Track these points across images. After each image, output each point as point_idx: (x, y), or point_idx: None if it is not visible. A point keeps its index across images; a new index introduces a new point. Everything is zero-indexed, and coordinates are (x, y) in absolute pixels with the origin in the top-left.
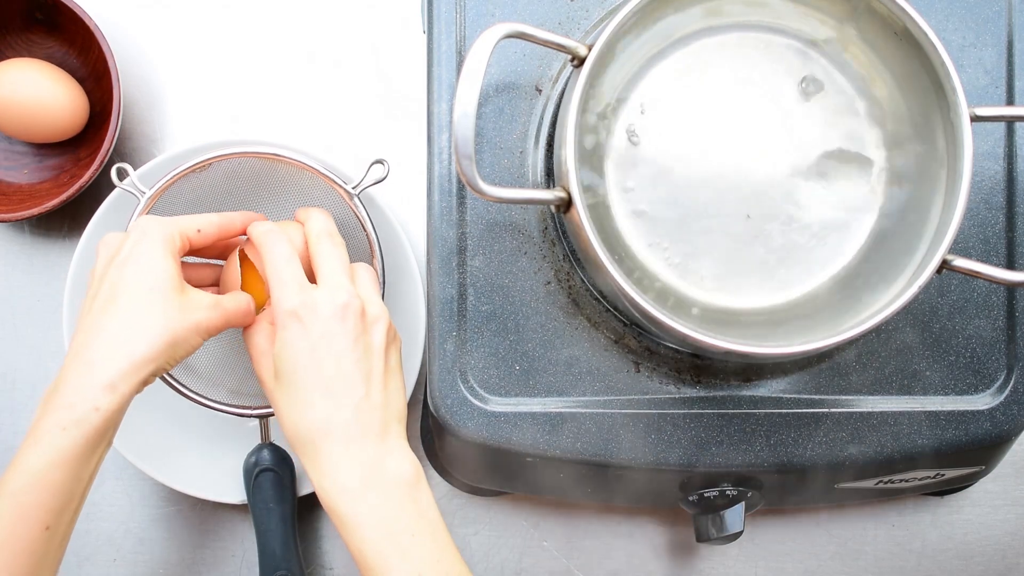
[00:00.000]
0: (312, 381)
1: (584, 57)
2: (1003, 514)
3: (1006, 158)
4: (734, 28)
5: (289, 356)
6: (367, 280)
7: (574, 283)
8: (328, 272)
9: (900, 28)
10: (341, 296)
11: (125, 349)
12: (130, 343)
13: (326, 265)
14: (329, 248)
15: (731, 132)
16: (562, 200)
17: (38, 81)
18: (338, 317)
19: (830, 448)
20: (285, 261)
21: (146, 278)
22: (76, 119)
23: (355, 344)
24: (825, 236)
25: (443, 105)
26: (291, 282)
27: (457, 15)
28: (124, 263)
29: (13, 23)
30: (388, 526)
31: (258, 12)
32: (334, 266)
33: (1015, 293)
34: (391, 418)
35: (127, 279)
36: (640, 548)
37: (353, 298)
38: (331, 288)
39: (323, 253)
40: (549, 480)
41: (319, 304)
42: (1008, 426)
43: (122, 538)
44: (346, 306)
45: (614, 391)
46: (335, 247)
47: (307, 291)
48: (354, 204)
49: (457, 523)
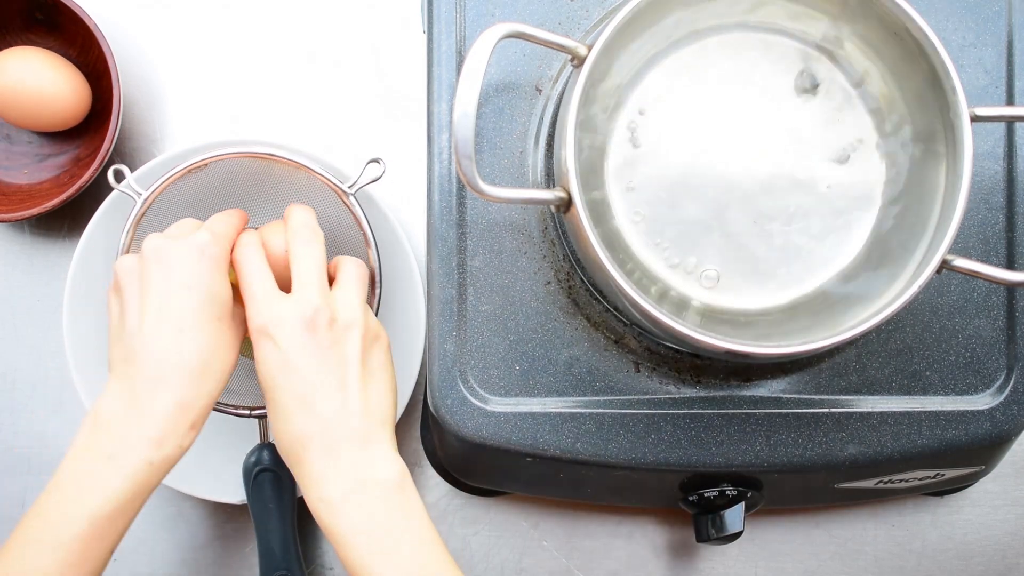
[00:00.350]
0: (288, 395)
1: (584, 57)
2: (1003, 514)
3: (1006, 158)
4: (734, 28)
5: (265, 373)
6: (348, 279)
7: (574, 283)
8: (300, 279)
9: (900, 28)
10: (307, 308)
11: (207, 387)
12: (212, 380)
13: (298, 270)
14: (303, 250)
15: (731, 132)
16: (562, 200)
17: (40, 70)
18: (306, 329)
19: (830, 448)
20: (255, 275)
21: (214, 308)
22: (79, 108)
23: (327, 354)
24: (825, 236)
25: (443, 105)
26: (261, 298)
27: (457, 15)
28: (188, 288)
29: (13, 23)
30: (372, 535)
31: (258, 12)
32: (306, 270)
33: (1015, 293)
34: (373, 424)
35: (192, 306)
36: (640, 548)
37: (321, 308)
38: (298, 300)
39: (297, 256)
40: (549, 480)
41: (286, 319)
42: (1008, 426)
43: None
44: (313, 318)
45: (614, 391)
46: (309, 246)
47: (275, 306)
48: (350, 203)
49: (457, 523)
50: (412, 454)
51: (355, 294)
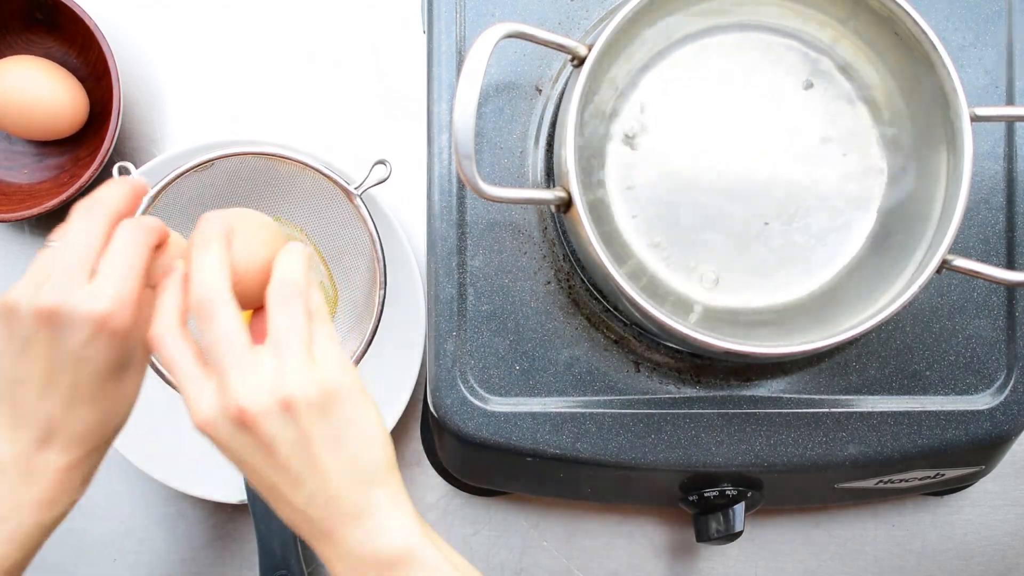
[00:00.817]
0: (260, 486)
1: (584, 57)
2: (1003, 514)
3: (1006, 158)
4: (734, 28)
5: (239, 466)
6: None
7: (574, 283)
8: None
9: (900, 28)
10: (246, 411)
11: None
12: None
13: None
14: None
15: (731, 132)
16: (562, 200)
17: (38, 79)
18: (241, 429)
19: (830, 448)
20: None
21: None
22: (76, 117)
23: (279, 447)
24: (825, 236)
25: (443, 105)
26: (193, 398)
27: (457, 15)
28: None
29: (13, 23)
30: None
31: (258, 12)
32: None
33: (1015, 293)
34: (362, 489)
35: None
36: (640, 548)
37: (255, 406)
38: (238, 393)
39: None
40: (549, 480)
41: (220, 427)
42: (1008, 426)
43: (122, 538)
44: (255, 416)
45: (614, 391)
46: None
47: (204, 410)
48: (357, 204)
49: (457, 523)
50: (412, 454)
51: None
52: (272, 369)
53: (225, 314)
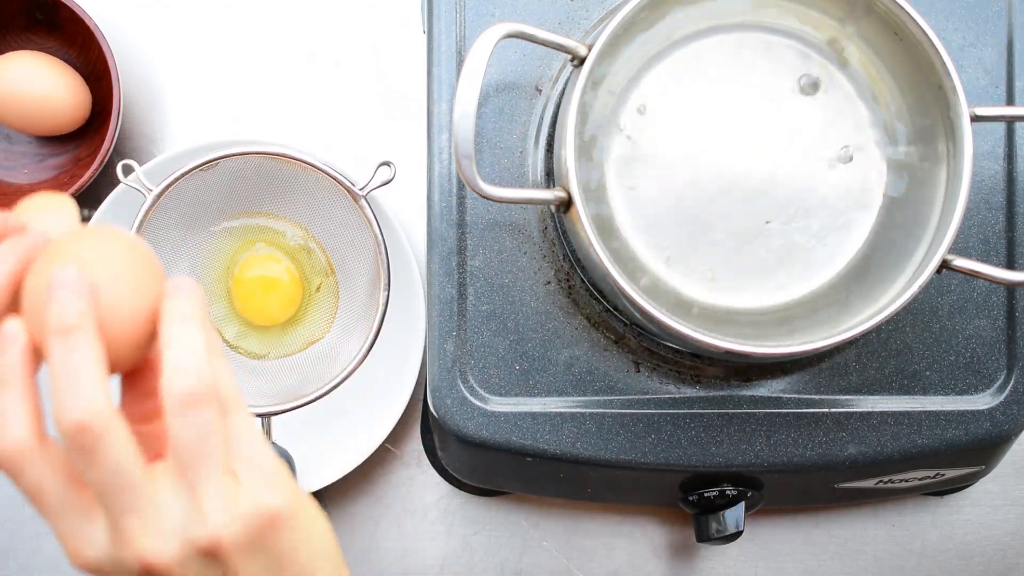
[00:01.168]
0: None
1: (584, 57)
2: (1003, 514)
3: (1006, 158)
4: (734, 28)
5: None
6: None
7: (574, 283)
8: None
9: (900, 28)
10: (154, 566)
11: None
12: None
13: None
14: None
15: (731, 132)
16: (562, 200)
17: (40, 74)
18: None
19: (830, 448)
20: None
21: None
22: (79, 111)
23: None
24: (825, 236)
25: (443, 105)
26: (71, 536)
27: (457, 15)
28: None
29: (13, 23)
30: None
31: (258, 12)
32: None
33: (1015, 293)
34: None
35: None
36: (640, 548)
37: (164, 557)
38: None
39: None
40: (549, 480)
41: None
42: (1008, 426)
43: None
44: (167, 569)
45: (614, 391)
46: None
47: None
48: (361, 206)
49: (457, 523)
50: (412, 454)
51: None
52: (183, 508)
53: (112, 443)
